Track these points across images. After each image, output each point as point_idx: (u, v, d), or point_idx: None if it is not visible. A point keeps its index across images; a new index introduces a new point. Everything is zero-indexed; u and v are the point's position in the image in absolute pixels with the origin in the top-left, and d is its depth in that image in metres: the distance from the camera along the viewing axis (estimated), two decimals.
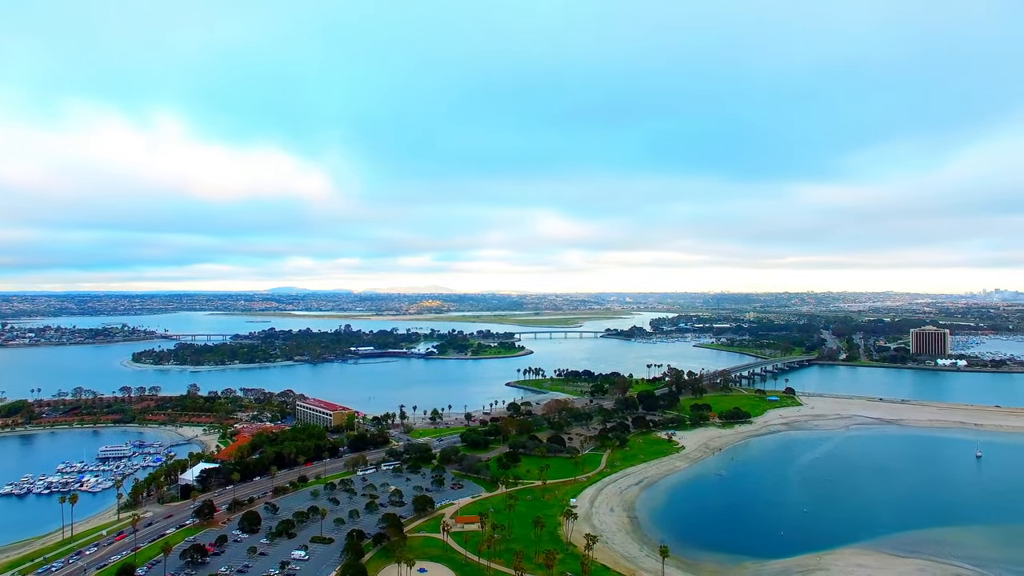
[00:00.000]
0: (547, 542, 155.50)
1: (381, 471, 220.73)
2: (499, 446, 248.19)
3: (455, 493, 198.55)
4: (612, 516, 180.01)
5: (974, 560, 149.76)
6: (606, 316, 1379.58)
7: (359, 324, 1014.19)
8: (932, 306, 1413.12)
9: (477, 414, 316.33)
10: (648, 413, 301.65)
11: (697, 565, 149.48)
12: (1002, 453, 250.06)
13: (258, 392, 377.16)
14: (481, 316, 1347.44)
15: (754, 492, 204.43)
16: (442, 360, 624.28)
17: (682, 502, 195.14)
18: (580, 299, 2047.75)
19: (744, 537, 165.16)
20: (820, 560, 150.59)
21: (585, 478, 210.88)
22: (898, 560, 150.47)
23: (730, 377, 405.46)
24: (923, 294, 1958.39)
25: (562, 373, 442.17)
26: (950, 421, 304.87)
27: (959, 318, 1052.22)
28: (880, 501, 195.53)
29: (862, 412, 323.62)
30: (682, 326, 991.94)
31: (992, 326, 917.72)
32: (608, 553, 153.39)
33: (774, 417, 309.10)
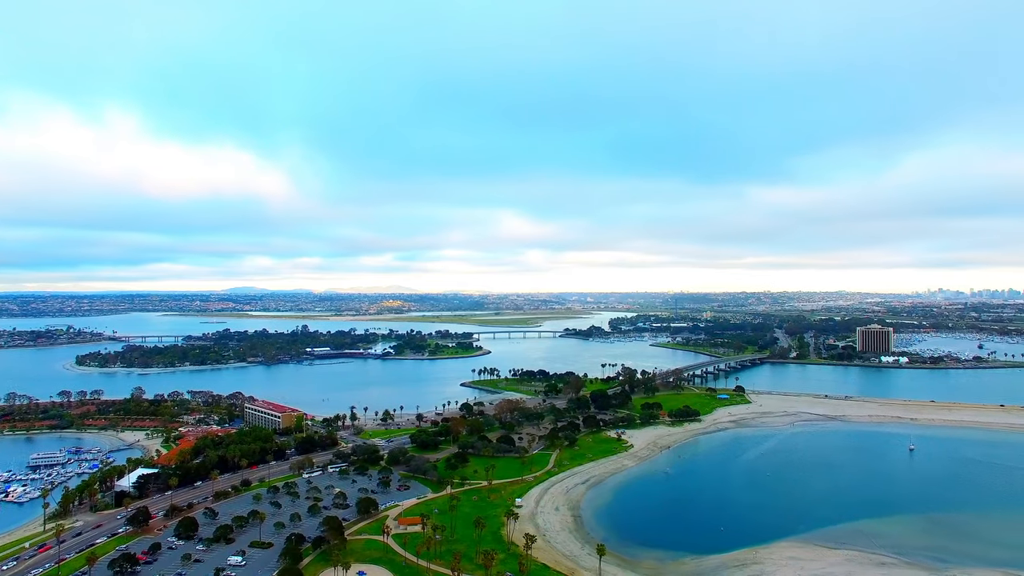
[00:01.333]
0: (489, 542, 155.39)
1: (327, 473, 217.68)
2: (449, 447, 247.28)
3: (401, 494, 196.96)
4: (557, 515, 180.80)
5: (898, 549, 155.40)
6: (566, 316, 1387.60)
7: (317, 325, 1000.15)
8: (881, 305, 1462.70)
9: (429, 415, 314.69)
10: (600, 412, 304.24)
11: (637, 562, 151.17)
12: (933, 446, 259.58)
13: (206, 394, 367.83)
14: (441, 316, 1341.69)
15: (698, 489, 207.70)
16: (399, 361, 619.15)
17: (627, 500, 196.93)
18: (541, 299, 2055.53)
19: (685, 533, 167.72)
20: (756, 554, 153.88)
21: (532, 478, 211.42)
22: (829, 552, 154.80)
23: (683, 376, 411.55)
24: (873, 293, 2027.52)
25: (517, 373, 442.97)
26: (888, 416, 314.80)
27: (905, 316, 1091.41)
28: (818, 495, 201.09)
29: (807, 409, 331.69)
30: (640, 326, 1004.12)
31: (934, 324, 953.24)
32: (550, 552, 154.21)
33: (723, 415, 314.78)
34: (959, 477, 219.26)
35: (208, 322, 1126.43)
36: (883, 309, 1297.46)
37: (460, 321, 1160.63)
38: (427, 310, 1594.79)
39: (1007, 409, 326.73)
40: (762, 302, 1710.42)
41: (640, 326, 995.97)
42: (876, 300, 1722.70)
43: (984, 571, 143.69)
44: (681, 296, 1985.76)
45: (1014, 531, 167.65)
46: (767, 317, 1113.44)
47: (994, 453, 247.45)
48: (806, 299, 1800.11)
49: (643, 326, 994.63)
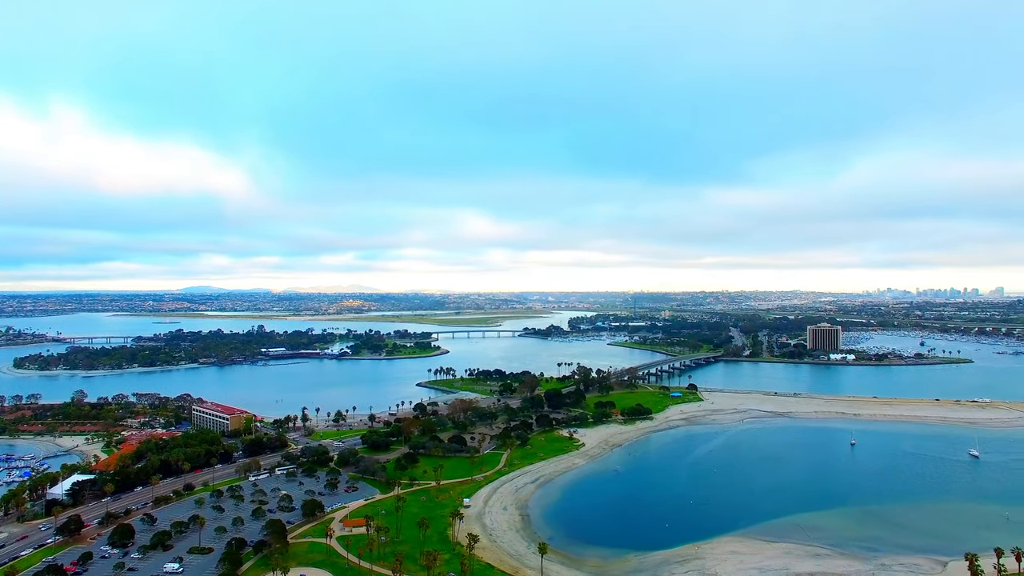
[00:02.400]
0: (435, 543, 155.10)
1: (275, 476, 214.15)
2: (400, 447, 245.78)
3: (349, 496, 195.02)
4: (504, 515, 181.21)
5: (833, 541, 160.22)
6: (527, 315, 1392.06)
7: (274, 325, 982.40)
8: (833, 304, 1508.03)
9: (382, 415, 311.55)
10: (553, 411, 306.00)
11: (581, 560, 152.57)
12: (873, 440, 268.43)
13: (153, 397, 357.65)
14: (402, 316, 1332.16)
15: (646, 486, 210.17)
16: (356, 361, 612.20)
17: (575, 499, 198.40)
18: (503, 298, 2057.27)
19: (631, 531, 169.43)
20: (698, 549, 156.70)
21: (482, 477, 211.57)
22: (768, 545, 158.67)
23: (637, 375, 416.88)
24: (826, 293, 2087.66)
25: (473, 373, 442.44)
26: (833, 412, 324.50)
27: (855, 315, 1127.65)
28: (761, 490, 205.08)
29: (757, 406, 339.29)
30: (599, 325, 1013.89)
31: (881, 323, 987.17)
32: (495, 552, 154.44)
33: (675, 413, 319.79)
34: (895, 469, 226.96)
35: (161, 322, 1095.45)
36: (835, 308, 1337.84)
37: (420, 321, 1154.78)
38: (388, 310, 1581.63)
39: (941, 403, 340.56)
40: (720, 301, 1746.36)
41: (599, 325, 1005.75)
42: (829, 299, 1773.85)
43: (910, 557, 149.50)
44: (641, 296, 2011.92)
45: (938, 519, 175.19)
46: (724, 316, 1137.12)
47: (927, 445, 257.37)
48: (762, 298, 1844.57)
49: (602, 325, 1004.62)
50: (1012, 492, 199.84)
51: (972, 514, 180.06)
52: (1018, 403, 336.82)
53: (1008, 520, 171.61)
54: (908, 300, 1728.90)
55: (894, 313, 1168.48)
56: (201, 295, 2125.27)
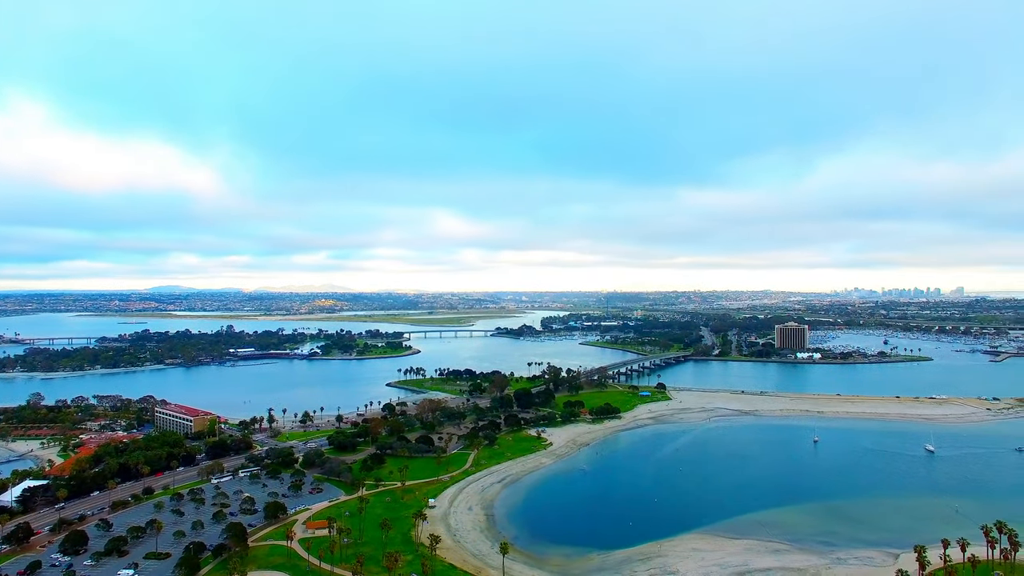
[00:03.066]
0: (398, 544, 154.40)
1: (238, 478, 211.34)
2: (367, 448, 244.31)
3: (313, 498, 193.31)
4: (470, 515, 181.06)
5: (792, 536, 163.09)
6: (500, 315, 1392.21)
7: (244, 325, 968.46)
8: (802, 303, 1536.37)
9: (350, 416, 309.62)
10: (522, 411, 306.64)
11: (544, 559, 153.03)
12: (835, 437, 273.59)
13: (115, 399, 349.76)
14: (374, 316, 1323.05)
15: (612, 485, 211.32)
16: (326, 361, 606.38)
17: (541, 498, 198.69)
18: (476, 298, 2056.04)
19: (595, 530, 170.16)
20: (661, 547, 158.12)
21: (448, 477, 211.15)
22: (729, 542, 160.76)
23: (607, 374, 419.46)
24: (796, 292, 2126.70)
25: (443, 372, 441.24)
26: (798, 410, 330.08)
27: (822, 314, 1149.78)
28: (725, 488, 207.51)
29: (724, 404, 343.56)
30: (572, 324, 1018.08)
31: (847, 321, 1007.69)
32: (458, 552, 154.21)
33: (643, 412, 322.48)
34: (855, 466, 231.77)
35: (127, 323, 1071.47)
36: (803, 307, 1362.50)
37: (392, 320, 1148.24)
38: (360, 309, 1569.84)
39: (901, 400, 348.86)
40: (692, 301, 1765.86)
41: (572, 325, 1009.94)
42: (798, 299, 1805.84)
43: (865, 551, 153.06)
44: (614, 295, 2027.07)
45: (893, 513, 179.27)
46: (695, 316, 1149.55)
47: (886, 442, 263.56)
48: (733, 298, 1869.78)
49: (574, 325, 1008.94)
50: (963, 485, 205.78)
51: (925, 507, 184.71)
52: (972, 399, 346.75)
53: (958, 512, 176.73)
54: (874, 300, 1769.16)
55: (860, 312, 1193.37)
56: (170, 295, 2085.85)
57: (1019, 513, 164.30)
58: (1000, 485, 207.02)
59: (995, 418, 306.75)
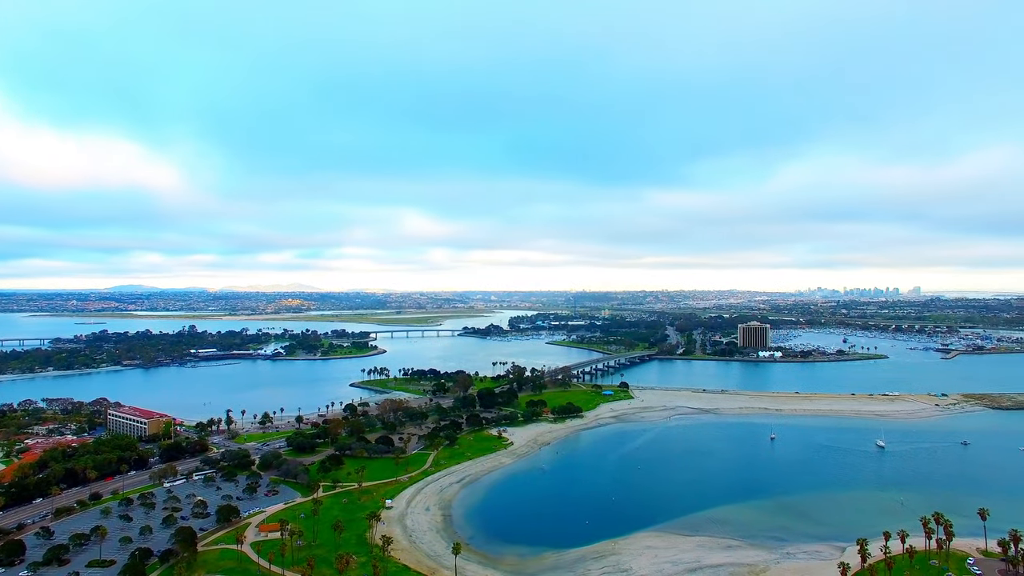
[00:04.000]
0: (353, 545, 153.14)
1: (191, 481, 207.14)
2: (327, 449, 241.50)
3: (268, 500, 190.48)
4: (427, 515, 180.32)
5: (745, 532, 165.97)
6: (468, 314, 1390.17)
7: (208, 324, 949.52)
8: (767, 303, 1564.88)
9: (311, 417, 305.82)
10: (485, 411, 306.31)
11: (499, 559, 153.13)
12: (791, 434, 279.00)
13: (66, 402, 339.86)
14: (341, 315, 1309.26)
15: (571, 484, 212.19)
16: (290, 361, 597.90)
17: (500, 498, 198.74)
18: (445, 297, 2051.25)
19: (551, 529, 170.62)
20: (615, 545, 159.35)
21: (407, 478, 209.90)
22: (683, 539, 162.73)
23: (572, 373, 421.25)
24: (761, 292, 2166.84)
25: (408, 372, 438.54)
26: (756, 408, 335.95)
27: (786, 313, 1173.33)
28: (682, 485, 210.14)
29: (685, 403, 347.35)
30: (539, 324, 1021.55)
31: (809, 320, 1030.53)
32: (413, 553, 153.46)
33: (605, 411, 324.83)
34: (809, 462, 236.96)
35: (84, 323, 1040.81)
36: (768, 307, 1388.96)
37: (360, 320, 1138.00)
38: (328, 309, 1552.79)
39: (856, 397, 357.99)
40: (659, 300, 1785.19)
41: (539, 324, 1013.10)
42: (763, 298, 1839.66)
43: (813, 545, 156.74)
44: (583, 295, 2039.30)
45: (843, 508, 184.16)
46: (662, 315, 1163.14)
47: (839, 438, 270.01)
48: (700, 297, 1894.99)
49: (542, 324, 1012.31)
50: (910, 479, 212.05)
51: (873, 501, 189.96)
52: (922, 395, 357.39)
53: (903, 505, 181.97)
54: (836, 299, 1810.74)
55: (822, 312, 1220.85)
56: (131, 294, 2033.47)
57: (958, 504, 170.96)
58: (943, 477, 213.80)
59: (943, 414, 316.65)
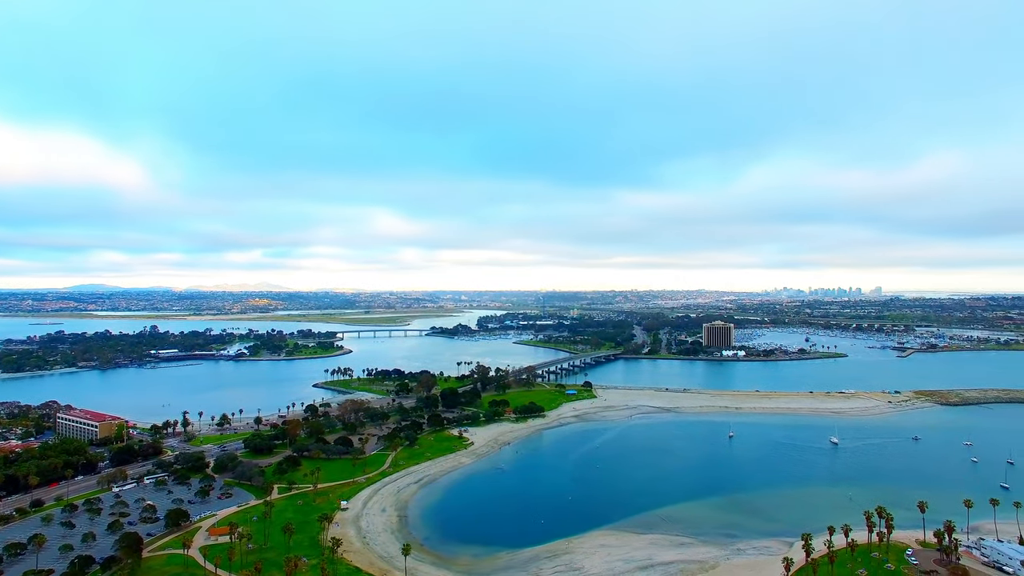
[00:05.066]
0: (306, 548, 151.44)
1: (142, 485, 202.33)
2: (285, 450, 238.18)
3: (222, 503, 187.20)
4: (382, 516, 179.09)
5: (697, 530, 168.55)
6: (438, 314, 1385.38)
7: (170, 325, 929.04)
8: (734, 303, 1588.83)
9: (271, 418, 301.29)
10: (447, 411, 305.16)
11: (452, 559, 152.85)
12: (749, 432, 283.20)
13: (12, 405, 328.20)
14: (309, 315, 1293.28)
15: (529, 484, 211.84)
16: (254, 362, 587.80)
17: (457, 498, 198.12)
18: (415, 297, 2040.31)
19: (507, 528, 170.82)
20: (569, 544, 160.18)
21: (365, 479, 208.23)
22: (636, 537, 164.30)
23: (536, 372, 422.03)
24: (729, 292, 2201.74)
25: (372, 373, 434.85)
26: (717, 406, 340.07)
27: (752, 313, 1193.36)
28: (639, 484, 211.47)
29: (647, 402, 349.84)
30: (507, 323, 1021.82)
31: (774, 320, 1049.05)
32: (366, 555, 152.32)
33: (567, 410, 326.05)
34: (765, 459, 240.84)
35: (40, 323, 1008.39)
36: (735, 307, 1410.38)
37: (327, 320, 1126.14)
38: (296, 309, 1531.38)
39: (814, 395, 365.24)
40: (628, 300, 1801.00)
41: (508, 324, 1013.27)
42: (731, 298, 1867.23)
43: (763, 541, 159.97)
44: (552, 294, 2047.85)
45: (794, 504, 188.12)
46: (630, 315, 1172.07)
47: (796, 435, 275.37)
48: (669, 297, 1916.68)
49: (510, 324, 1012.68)
50: (860, 475, 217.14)
51: (824, 497, 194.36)
52: (876, 393, 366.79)
53: (851, 500, 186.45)
54: (801, 299, 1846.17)
55: (787, 311, 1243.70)
56: (91, 294, 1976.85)
57: (903, 497, 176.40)
58: (891, 472, 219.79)
59: (895, 410, 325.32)
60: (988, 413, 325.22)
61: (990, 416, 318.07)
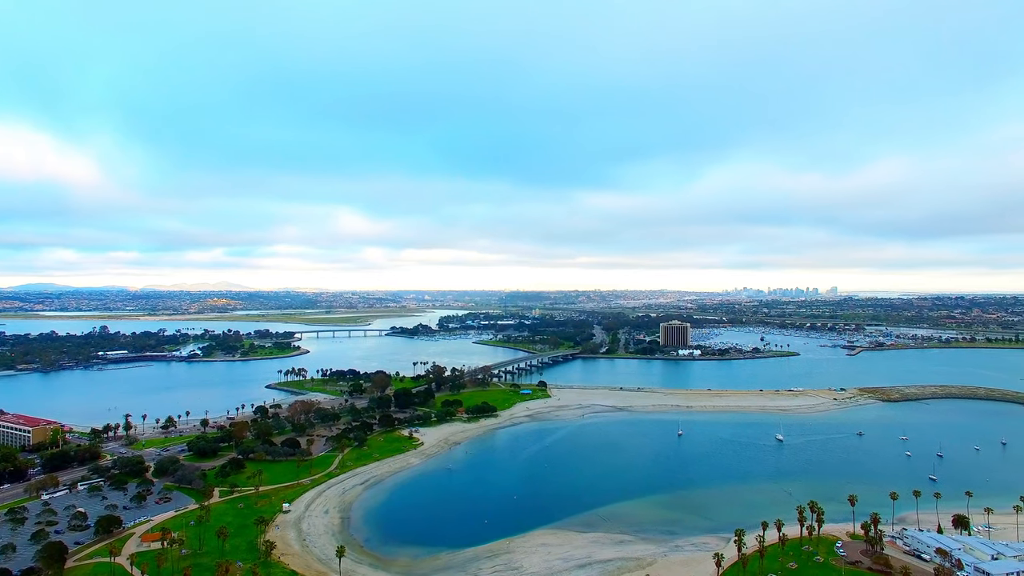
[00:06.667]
0: (243, 552, 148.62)
1: (75, 492, 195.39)
2: (231, 452, 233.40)
3: (159, 508, 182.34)
4: (324, 518, 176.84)
5: (638, 527, 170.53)
6: (400, 314, 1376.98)
7: (123, 325, 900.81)
8: (695, 303, 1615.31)
9: (220, 420, 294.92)
10: (400, 411, 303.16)
11: (391, 561, 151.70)
12: (698, 430, 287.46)
13: None
14: (269, 315, 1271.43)
15: (476, 484, 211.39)
16: (207, 363, 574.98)
17: (402, 499, 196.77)
18: (378, 297, 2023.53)
19: (449, 529, 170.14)
20: (510, 544, 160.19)
21: (310, 481, 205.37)
22: (577, 536, 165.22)
23: (492, 372, 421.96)
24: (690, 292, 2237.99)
25: (327, 373, 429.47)
26: (669, 405, 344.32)
27: (711, 313, 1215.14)
28: (585, 482, 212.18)
29: (600, 401, 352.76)
30: (469, 323, 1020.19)
31: (732, 319, 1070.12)
32: (303, 558, 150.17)
33: (521, 409, 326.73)
34: (711, 456, 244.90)
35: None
36: (695, 306, 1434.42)
37: (287, 320, 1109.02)
38: (256, 308, 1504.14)
39: (764, 393, 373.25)
40: (591, 300, 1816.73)
41: (469, 324, 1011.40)
42: (692, 298, 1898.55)
43: (702, 537, 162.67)
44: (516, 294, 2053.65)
45: (735, 500, 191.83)
46: (591, 314, 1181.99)
47: (743, 432, 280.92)
48: (631, 297, 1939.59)
49: (472, 324, 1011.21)
50: (801, 470, 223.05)
51: (764, 493, 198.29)
52: (823, 390, 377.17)
53: (790, 495, 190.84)
54: (760, 299, 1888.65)
55: (745, 311, 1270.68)
56: (38, 293, 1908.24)
57: (840, 491, 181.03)
58: (830, 467, 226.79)
59: (839, 407, 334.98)
60: (925, 408, 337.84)
61: (926, 411, 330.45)
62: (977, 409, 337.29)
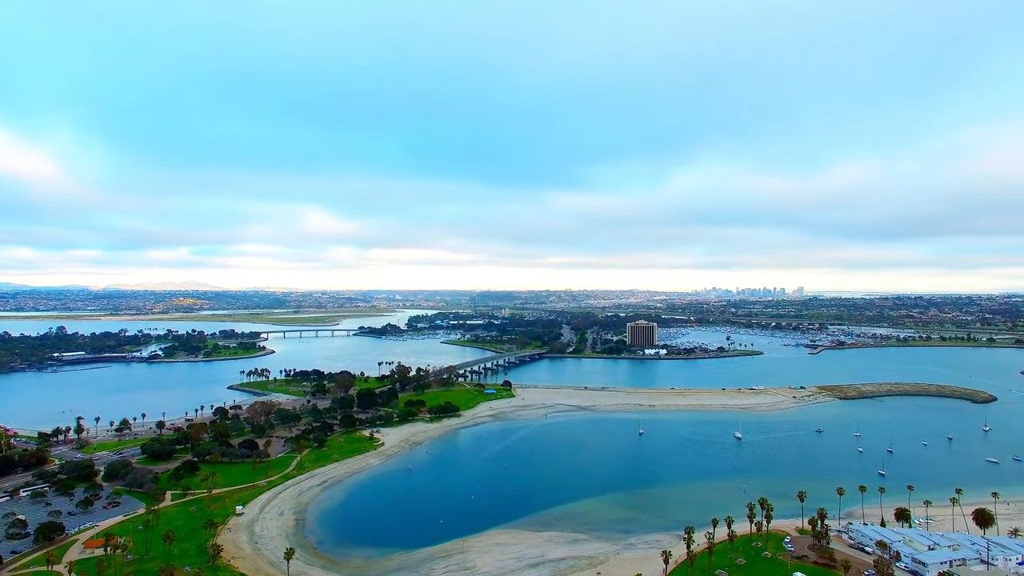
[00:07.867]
0: (193, 556, 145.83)
1: (16, 499, 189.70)
2: (186, 455, 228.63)
3: (107, 513, 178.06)
4: (279, 520, 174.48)
5: (593, 526, 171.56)
6: (369, 314, 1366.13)
7: (83, 326, 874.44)
8: (664, 303, 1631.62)
9: (178, 422, 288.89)
10: (362, 411, 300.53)
11: (343, 562, 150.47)
12: (660, 428, 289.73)
13: None
14: (236, 315, 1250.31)
15: (434, 484, 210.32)
16: (169, 364, 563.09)
17: (359, 500, 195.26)
18: (347, 296, 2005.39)
19: (405, 529, 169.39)
20: (464, 544, 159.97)
21: (266, 482, 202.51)
22: (532, 535, 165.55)
23: (458, 372, 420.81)
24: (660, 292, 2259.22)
25: (290, 373, 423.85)
26: (632, 404, 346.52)
27: (680, 312, 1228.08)
28: (544, 481, 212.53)
29: (564, 400, 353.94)
30: (438, 323, 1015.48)
31: (699, 319, 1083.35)
32: (255, 560, 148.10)
33: (484, 409, 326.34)
34: (670, 455, 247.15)
35: None
36: (664, 306, 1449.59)
37: (254, 320, 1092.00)
38: (223, 308, 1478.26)
39: (726, 392, 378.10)
40: (562, 300, 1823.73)
41: (438, 323, 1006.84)
42: (662, 298, 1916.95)
43: (655, 535, 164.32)
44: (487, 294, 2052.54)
45: (690, 497, 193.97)
46: (561, 314, 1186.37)
47: (703, 431, 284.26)
48: (602, 297, 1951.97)
49: (440, 323, 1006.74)
50: (758, 467, 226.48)
51: (720, 490, 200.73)
52: (783, 388, 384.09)
53: (744, 492, 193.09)
54: (728, 299, 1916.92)
55: (713, 311, 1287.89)
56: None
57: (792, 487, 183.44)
58: (785, 464, 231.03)
59: (797, 405, 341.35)
60: (879, 405, 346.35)
61: (880, 408, 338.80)
62: (928, 405, 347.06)
